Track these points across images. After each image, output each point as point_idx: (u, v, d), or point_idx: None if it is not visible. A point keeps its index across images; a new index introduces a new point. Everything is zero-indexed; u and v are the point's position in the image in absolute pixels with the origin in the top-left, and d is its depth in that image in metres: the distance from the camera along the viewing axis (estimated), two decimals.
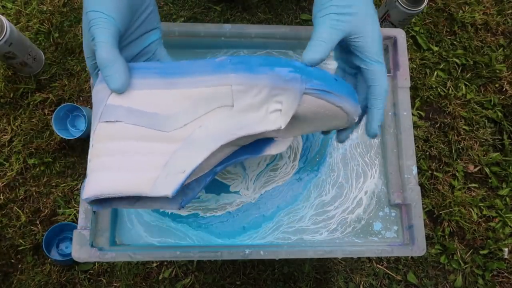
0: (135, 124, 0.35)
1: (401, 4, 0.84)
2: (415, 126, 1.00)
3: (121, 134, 0.35)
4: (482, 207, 0.97)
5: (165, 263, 0.90)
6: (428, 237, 0.95)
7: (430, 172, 0.98)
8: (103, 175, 0.35)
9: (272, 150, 0.41)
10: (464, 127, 1.01)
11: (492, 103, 1.02)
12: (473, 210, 0.97)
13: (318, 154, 0.54)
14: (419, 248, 0.48)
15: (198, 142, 0.35)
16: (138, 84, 0.36)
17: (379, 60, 0.42)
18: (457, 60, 1.04)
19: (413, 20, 1.04)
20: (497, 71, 1.04)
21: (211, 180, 0.40)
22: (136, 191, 0.34)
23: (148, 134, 0.35)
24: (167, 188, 0.34)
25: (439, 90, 1.03)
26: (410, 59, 1.03)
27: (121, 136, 0.35)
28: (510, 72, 1.05)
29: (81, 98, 0.96)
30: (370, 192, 0.52)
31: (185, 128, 0.36)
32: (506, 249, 0.95)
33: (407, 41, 1.02)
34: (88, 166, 0.36)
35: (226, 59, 0.36)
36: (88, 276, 0.88)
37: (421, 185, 0.97)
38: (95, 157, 0.36)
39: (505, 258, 0.95)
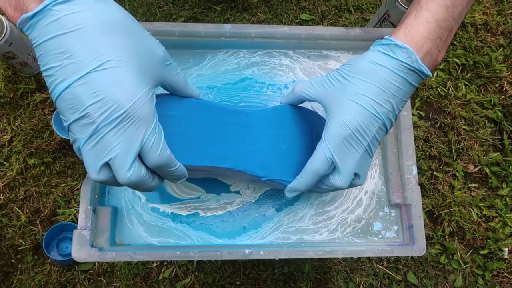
0: None
1: (401, 4, 0.84)
2: (415, 126, 1.00)
3: None
4: (482, 207, 0.97)
5: (165, 263, 0.90)
6: (428, 237, 0.95)
7: (430, 172, 0.98)
8: None
9: None
10: (464, 127, 1.01)
11: (492, 103, 1.02)
12: (473, 210, 0.97)
13: None
14: (419, 248, 0.48)
15: None
16: None
17: (330, 152, 0.36)
18: (457, 60, 1.04)
19: None
20: (497, 71, 1.04)
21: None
22: None
23: None
24: None
25: (439, 90, 1.03)
26: None
27: None
28: (510, 72, 1.04)
29: None
30: (370, 192, 0.52)
31: None
32: (506, 249, 0.95)
33: None
34: None
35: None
36: (88, 276, 0.88)
37: (421, 185, 0.97)
38: None
39: (505, 258, 0.95)
